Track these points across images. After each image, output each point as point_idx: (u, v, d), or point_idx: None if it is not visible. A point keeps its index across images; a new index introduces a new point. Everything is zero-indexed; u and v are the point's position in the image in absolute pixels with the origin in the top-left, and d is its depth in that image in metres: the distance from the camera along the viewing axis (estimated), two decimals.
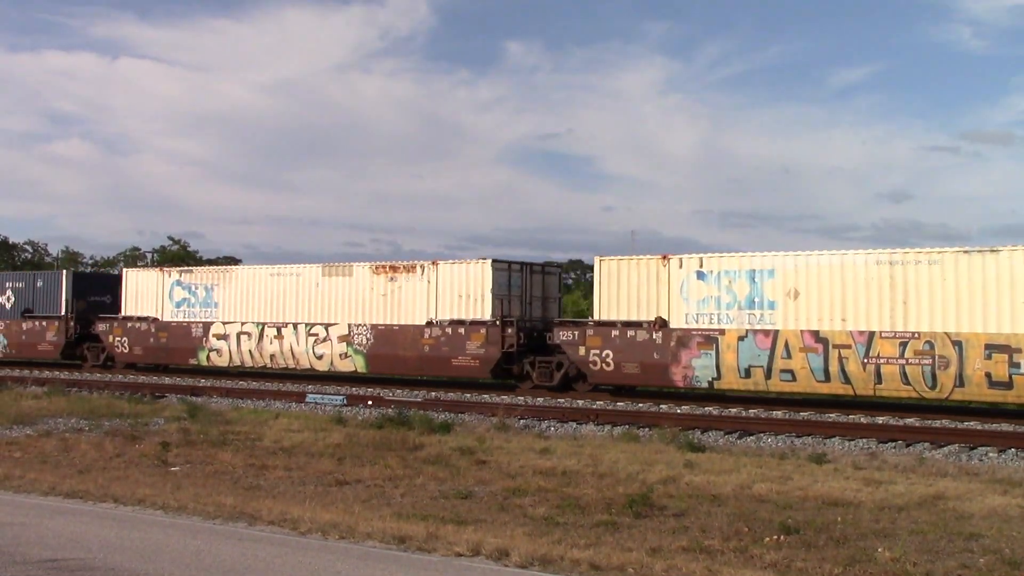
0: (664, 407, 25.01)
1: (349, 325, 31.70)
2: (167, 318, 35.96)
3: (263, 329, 33.61)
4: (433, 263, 30.40)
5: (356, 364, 31.59)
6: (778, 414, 23.56)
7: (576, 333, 27.57)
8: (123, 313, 37.08)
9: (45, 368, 39.08)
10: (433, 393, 28.26)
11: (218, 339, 34.52)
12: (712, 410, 24.37)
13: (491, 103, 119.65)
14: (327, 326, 32.23)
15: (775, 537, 10.71)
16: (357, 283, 31.78)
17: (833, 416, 23.29)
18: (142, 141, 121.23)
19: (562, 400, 26.84)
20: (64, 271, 40.70)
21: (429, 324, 30.17)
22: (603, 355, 27.06)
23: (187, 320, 35.43)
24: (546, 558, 9.66)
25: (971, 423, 21.74)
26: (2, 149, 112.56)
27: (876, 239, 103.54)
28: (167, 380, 32.88)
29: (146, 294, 36.63)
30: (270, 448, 17.79)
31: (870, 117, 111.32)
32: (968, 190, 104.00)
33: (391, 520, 11.50)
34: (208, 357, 34.78)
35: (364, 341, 31.41)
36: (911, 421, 22.13)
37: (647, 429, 20.58)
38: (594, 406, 24.94)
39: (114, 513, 12.16)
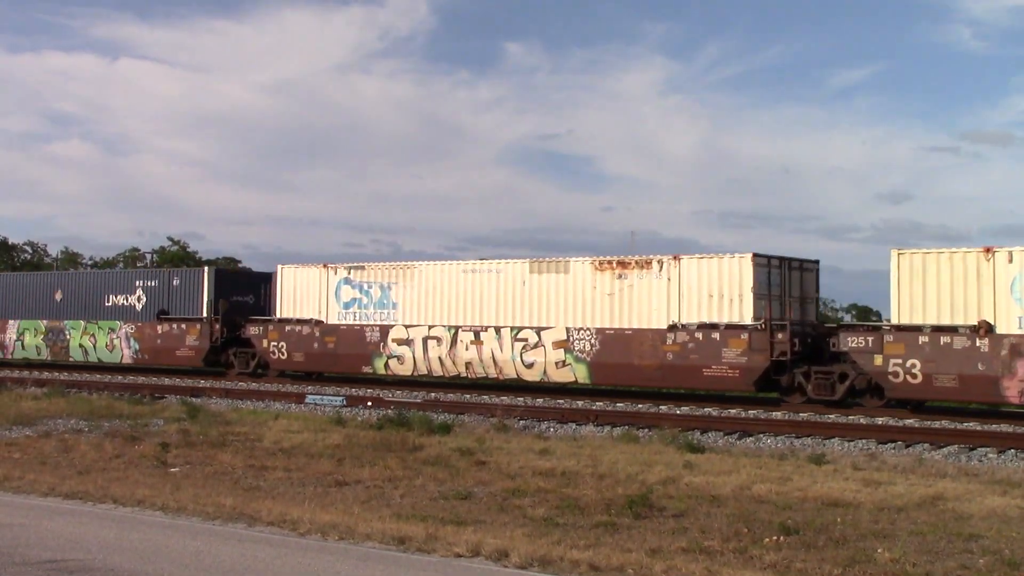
0: (664, 408, 25.00)
1: (568, 329, 27.57)
2: (333, 320, 31.94)
3: (456, 333, 29.40)
4: (674, 258, 26.38)
5: (576, 374, 27.61)
6: (777, 415, 23.56)
7: (871, 339, 23.49)
8: (278, 314, 33.15)
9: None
10: (432, 394, 28.24)
11: (399, 344, 30.49)
12: (711, 411, 24.36)
13: (491, 104, 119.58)
14: (539, 330, 28.07)
15: (775, 538, 10.72)
16: (575, 281, 27.66)
17: (832, 417, 23.27)
18: (142, 142, 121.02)
19: (561, 401, 26.78)
20: (206, 268, 36.49)
21: (672, 328, 26.10)
22: (907, 365, 22.91)
23: (360, 323, 31.35)
24: (545, 559, 9.66)
25: (970, 424, 21.74)
26: (2, 149, 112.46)
27: (876, 240, 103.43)
28: (167, 381, 32.81)
29: (306, 294, 32.63)
30: (270, 449, 17.78)
31: (870, 118, 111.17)
32: (968, 191, 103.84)
33: (391, 521, 11.50)
34: (387, 365, 30.75)
35: (587, 347, 27.24)
36: (910, 422, 22.13)
37: (646, 430, 20.58)
38: (594, 407, 24.89)
39: (114, 514, 12.16)
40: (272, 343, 32.91)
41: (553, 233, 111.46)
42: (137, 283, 37.24)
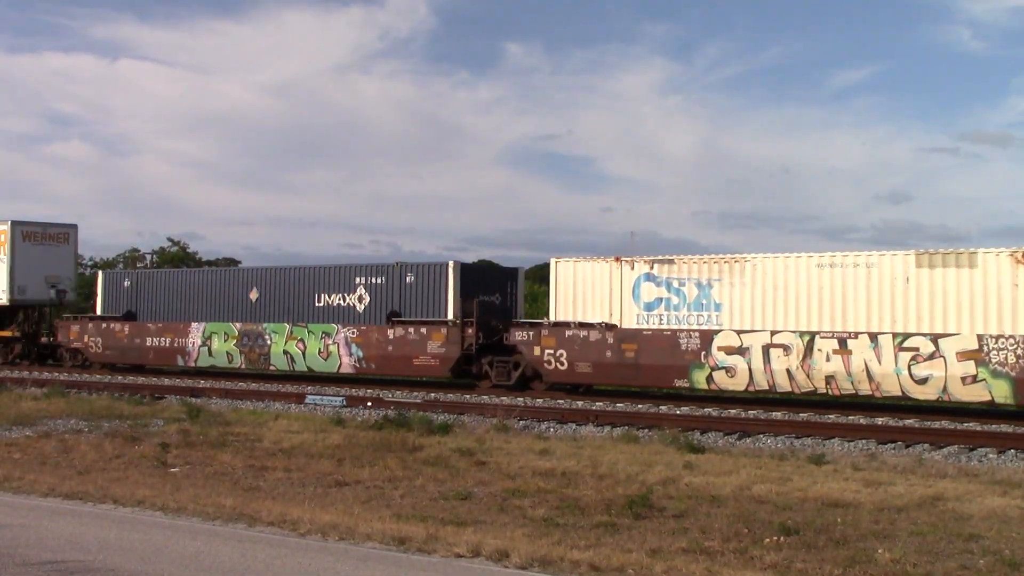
0: (664, 408, 25.00)
1: (980, 336, 22.73)
2: (630, 324, 27.07)
3: (812, 340, 24.50)
4: None
5: (993, 391, 22.65)
6: (777, 415, 23.55)
7: None
8: (552, 316, 28.25)
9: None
10: (432, 394, 28.23)
11: (729, 354, 25.56)
12: (711, 411, 24.36)
13: (491, 104, 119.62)
14: (935, 338, 23.20)
15: (775, 538, 10.72)
16: (986, 277, 22.88)
17: (832, 417, 23.26)
18: (142, 142, 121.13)
19: (561, 401, 26.74)
20: (451, 263, 30.61)
21: None
22: None
23: (670, 327, 26.46)
24: (546, 559, 9.67)
25: (970, 424, 21.75)
26: (2, 150, 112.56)
27: (875, 240, 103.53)
28: (166, 381, 32.76)
29: (590, 292, 27.66)
30: (269, 449, 17.79)
31: (870, 118, 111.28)
32: (967, 191, 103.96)
33: (391, 521, 11.50)
34: (710, 378, 25.80)
35: (1010, 360, 22.42)
36: (910, 422, 22.13)
37: (646, 430, 20.58)
38: (593, 407, 24.87)
39: (114, 514, 12.16)
40: (547, 351, 27.88)
41: (553, 234, 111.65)
42: (358, 280, 32.07)
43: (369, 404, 25.37)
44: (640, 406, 25.41)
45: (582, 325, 27.63)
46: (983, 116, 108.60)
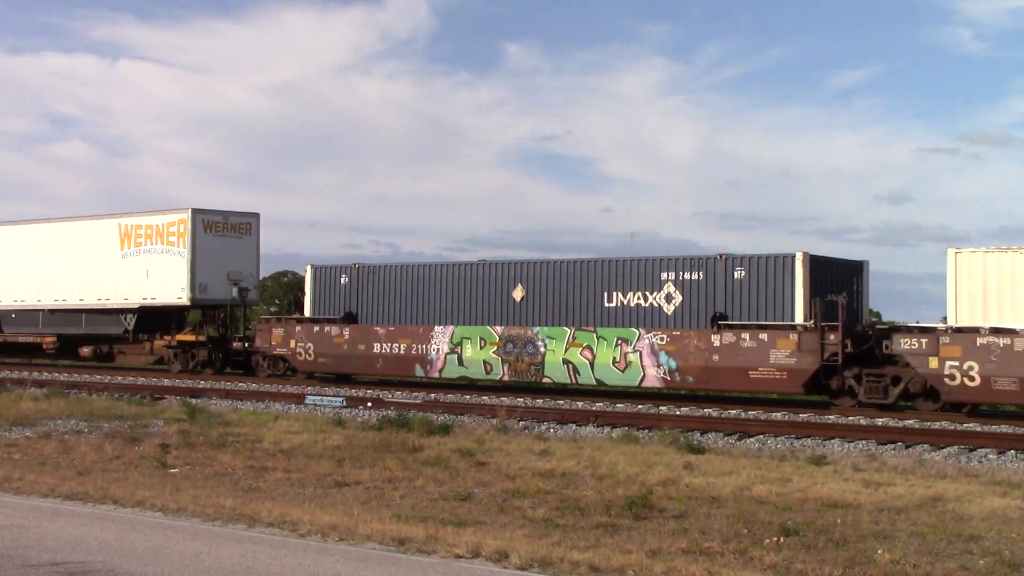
0: (664, 408, 25.00)
1: None
2: None
3: None
4: None
5: None
6: (777, 416, 23.56)
7: None
8: (951, 321, 23.01)
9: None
10: (432, 395, 28.23)
11: None
12: (711, 412, 24.36)
13: (491, 105, 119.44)
14: None
15: (775, 539, 10.72)
16: None
17: (832, 418, 23.27)
18: (142, 143, 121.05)
19: (561, 401, 26.74)
20: (799, 255, 25.39)
21: None
22: None
23: None
24: (546, 560, 9.67)
25: (970, 424, 21.74)
26: (2, 151, 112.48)
27: (875, 241, 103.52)
28: (166, 382, 32.74)
29: (1007, 290, 22.34)
30: (269, 450, 17.79)
31: (869, 119, 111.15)
32: (967, 192, 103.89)
33: (391, 522, 11.50)
34: None
35: None
36: (910, 423, 22.13)
37: (646, 431, 20.58)
38: (593, 407, 24.88)
39: (114, 515, 12.16)
40: (948, 363, 22.49)
41: (553, 235, 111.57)
42: (665, 276, 26.90)
43: (369, 404, 25.38)
44: (640, 407, 25.41)
45: (998, 331, 22.20)
46: (983, 116, 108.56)
